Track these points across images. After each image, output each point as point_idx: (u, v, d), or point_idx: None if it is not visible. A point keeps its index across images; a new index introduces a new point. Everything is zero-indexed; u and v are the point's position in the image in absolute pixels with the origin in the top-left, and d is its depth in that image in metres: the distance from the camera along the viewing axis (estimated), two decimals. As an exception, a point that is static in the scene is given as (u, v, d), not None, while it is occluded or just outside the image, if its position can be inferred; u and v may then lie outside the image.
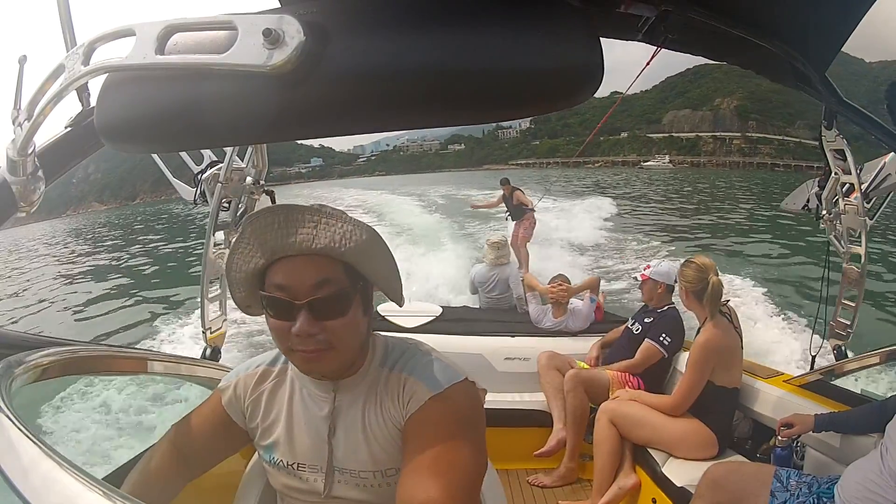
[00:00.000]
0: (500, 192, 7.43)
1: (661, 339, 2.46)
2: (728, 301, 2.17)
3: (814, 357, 2.06)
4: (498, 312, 3.57)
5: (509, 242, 7.40)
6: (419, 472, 0.68)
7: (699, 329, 2.17)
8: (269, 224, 0.73)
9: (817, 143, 1.77)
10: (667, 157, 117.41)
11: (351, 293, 0.76)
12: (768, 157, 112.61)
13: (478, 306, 3.83)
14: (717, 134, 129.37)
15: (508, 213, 7.36)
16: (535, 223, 7.16)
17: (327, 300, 0.73)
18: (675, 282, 2.37)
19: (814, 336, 2.06)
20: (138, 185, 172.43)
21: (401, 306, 0.87)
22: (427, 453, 0.70)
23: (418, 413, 0.77)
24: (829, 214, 1.87)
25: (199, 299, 1.73)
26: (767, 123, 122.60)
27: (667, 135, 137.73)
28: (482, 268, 3.72)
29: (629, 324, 2.70)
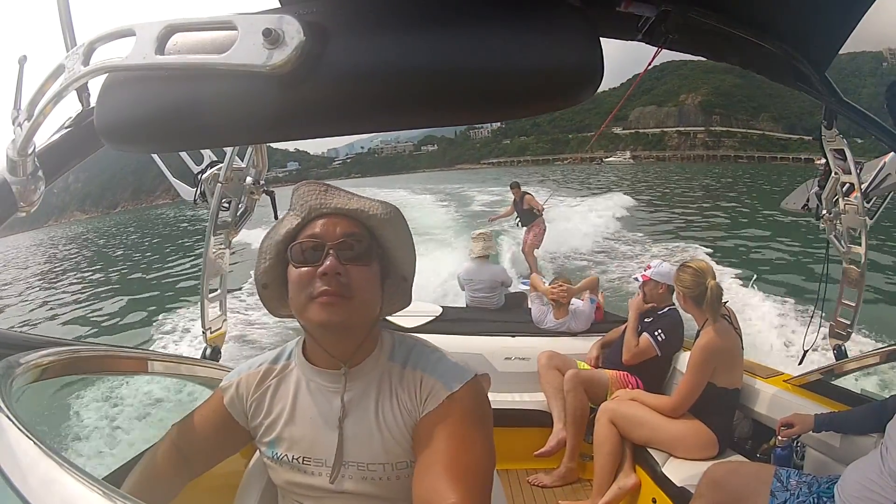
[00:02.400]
0: (511, 199, 7.29)
1: (656, 334, 2.47)
2: (727, 302, 2.17)
3: (805, 352, 2.06)
4: (498, 312, 3.58)
5: (520, 249, 7.36)
6: (435, 475, 0.69)
7: (699, 331, 2.17)
8: (312, 189, 0.84)
9: (780, 134, 1.77)
10: (627, 153, 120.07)
11: (373, 254, 0.84)
12: (732, 150, 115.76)
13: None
14: (682, 129, 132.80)
15: (518, 219, 7.24)
16: (545, 229, 7.04)
17: (353, 246, 0.81)
18: None
19: (807, 333, 2.06)
20: (119, 193, 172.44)
21: (409, 301, 0.92)
22: (443, 454, 0.72)
23: (436, 411, 0.79)
24: (829, 214, 1.87)
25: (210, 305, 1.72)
26: (731, 117, 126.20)
27: (633, 131, 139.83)
28: (469, 265, 3.74)
29: (629, 324, 2.70)
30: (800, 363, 2.09)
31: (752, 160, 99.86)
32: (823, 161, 1.82)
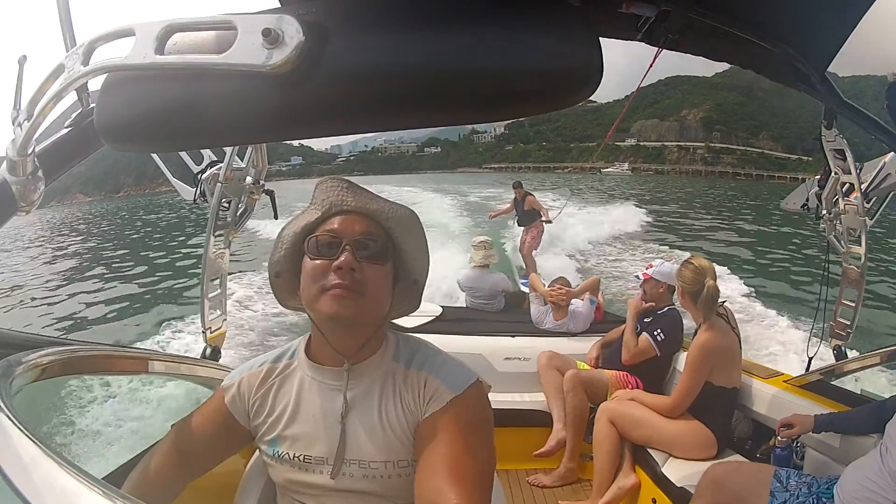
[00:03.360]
0: (512, 197, 7.23)
1: (655, 334, 2.46)
2: (724, 302, 2.17)
3: (811, 358, 2.06)
4: (498, 313, 3.57)
5: (517, 249, 7.34)
6: (438, 476, 0.70)
7: (696, 331, 2.17)
8: (334, 185, 0.85)
9: (779, 153, 1.78)
10: (626, 165, 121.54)
11: (388, 254, 0.85)
12: (730, 167, 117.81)
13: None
14: (682, 143, 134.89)
15: (517, 218, 7.19)
16: (543, 231, 6.96)
17: (370, 246, 0.82)
18: None
19: (811, 337, 2.06)
20: (122, 178, 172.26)
21: (418, 304, 0.93)
22: (446, 456, 0.73)
23: (439, 413, 0.80)
24: (829, 214, 1.87)
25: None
26: (731, 135, 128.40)
27: (634, 143, 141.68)
28: (470, 273, 3.67)
29: (629, 324, 2.70)
30: (807, 370, 2.08)
31: (750, 177, 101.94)
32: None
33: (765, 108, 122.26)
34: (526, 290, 4.15)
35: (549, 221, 6.93)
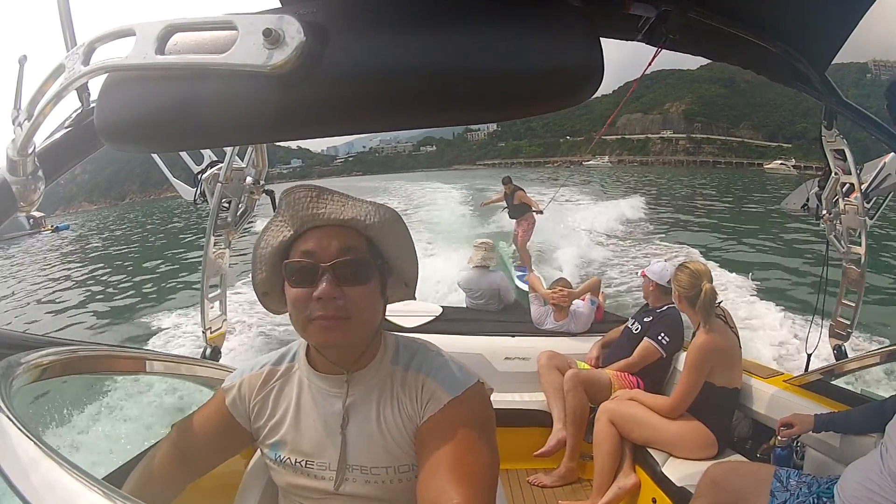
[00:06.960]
0: (503, 190, 7.61)
1: (660, 338, 2.47)
2: (720, 302, 2.17)
3: (809, 355, 2.06)
4: (498, 313, 3.58)
5: (512, 242, 7.63)
6: (440, 477, 0.69)
7: (694, 332, 2.17)
8: (301, 197, 0.78)
9: (759, 141, 1.78)
10: (606, 157, 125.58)
11: (371, 266, 0.80)
12: (711, 156, 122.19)
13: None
14: (665, 135, 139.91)
15: (507, 210, 7.57)
16: (534, 223, 7.32)
17: (350, 266, 0.77)
18: (668, 283, 2.38)
19: (809, 334, 2.05)
20: (126, 185, 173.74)
21: (412, 297, 0.90)
22: (447, 457, 0.72)
23: (437, 416, 0.79)
24: (829, 214, 1.87)
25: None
26: (712, 125, 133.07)
27: (619, 137, 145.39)
28: (468, 274, 3.67)
29: (629, 323, 2.70)
30: (806, 369, 2.08)
31: (731, 166, 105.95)
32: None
33: (746, 98, 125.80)
34: (522, 286, 4.14)
35: (541, 212, 7.26)
